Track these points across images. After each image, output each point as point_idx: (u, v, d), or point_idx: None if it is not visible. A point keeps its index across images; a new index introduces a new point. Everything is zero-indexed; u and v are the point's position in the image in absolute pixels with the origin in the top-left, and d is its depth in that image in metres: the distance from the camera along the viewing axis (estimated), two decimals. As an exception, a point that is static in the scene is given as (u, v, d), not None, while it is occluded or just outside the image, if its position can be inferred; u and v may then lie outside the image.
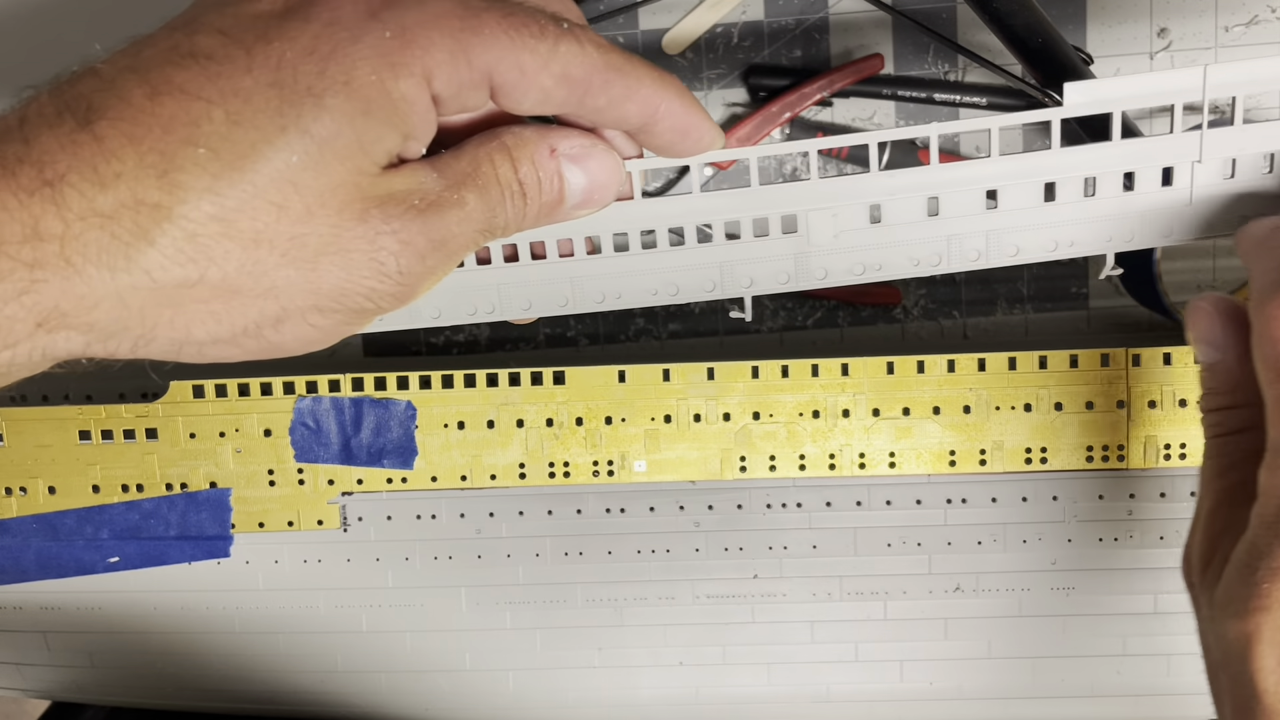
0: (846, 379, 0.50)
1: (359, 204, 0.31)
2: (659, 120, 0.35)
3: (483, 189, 0.33)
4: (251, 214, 0.29)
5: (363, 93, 0.30)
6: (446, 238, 0.32)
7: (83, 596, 0.54)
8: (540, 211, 0.35)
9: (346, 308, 0.32)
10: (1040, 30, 0.55)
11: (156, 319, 0.30)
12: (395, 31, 0.30)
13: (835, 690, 0.54)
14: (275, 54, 0.29)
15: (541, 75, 0.32)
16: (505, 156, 0.34)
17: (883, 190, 0.39)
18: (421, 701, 0.55)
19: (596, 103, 0.33)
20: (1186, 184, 0.39)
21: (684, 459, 0.51)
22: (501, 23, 0.31)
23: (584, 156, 0.35)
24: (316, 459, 0.52)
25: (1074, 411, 0.50)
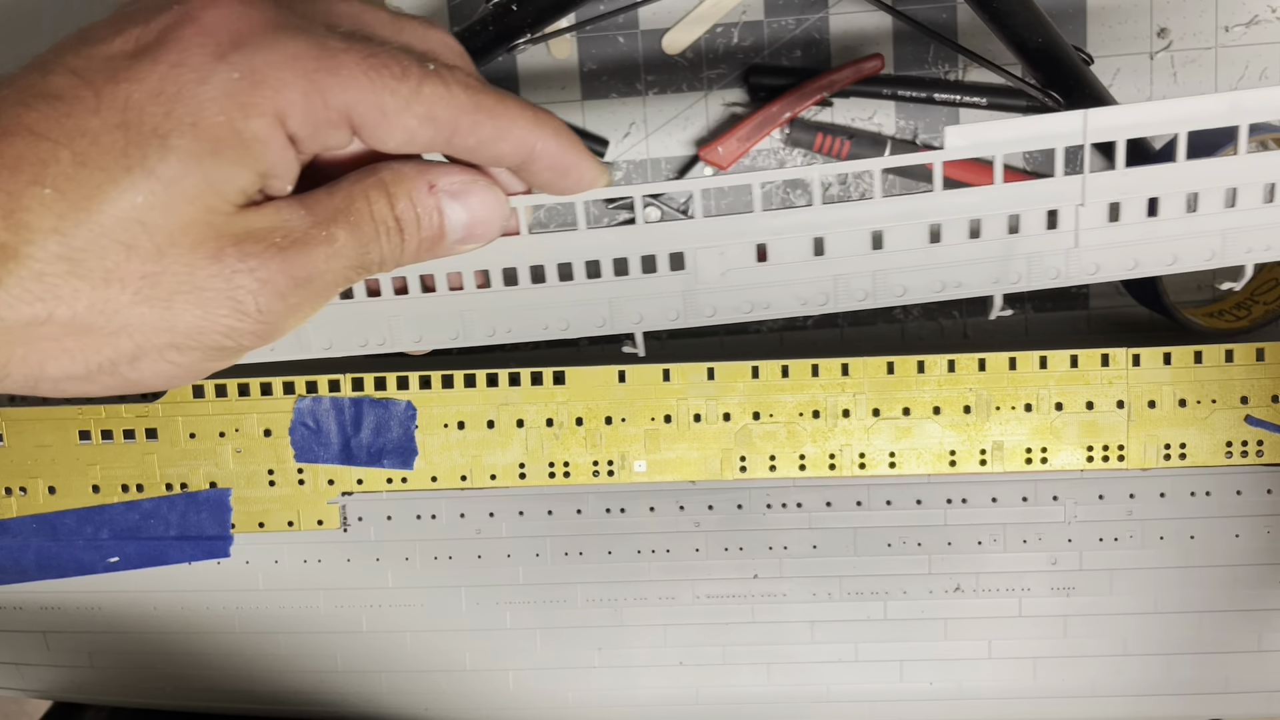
0: (846, 379, 0.50)
1: (213, 242, 0.31)
2: (536, 160, 0.35)
3: (355, 225, 0.33)
4: (100, 254, 0.30)
5: (211, 133, 0.30)
6: (312, 275, 0.33)
7: (83, 596, 0.54)
8: (420, 247, 0.35)
9: (205, 345, 0.32)
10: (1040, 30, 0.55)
11: (9, 356, 0.31)
12: (244, 73, 0.30)
13: (835, 690, 0.54)
14: (123, 95, 0.30)
15: (404, 116, 0.32)
16: (382, 193, 0.34)
17: (768, 230, 0.40)
18: (421, 701, 0.55)
19: (466, 143, 0.34)
20: (1071, 226, 0.40)
21: (684, 459, 0.51)
22: (361, 63, 0.31)
23: (464, 193, 0.36)
24: (316, 459, 0.52)
25: (1074, 411, 0.50)
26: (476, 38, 0.56)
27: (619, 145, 0.60)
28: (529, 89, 0.60)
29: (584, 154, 0.36)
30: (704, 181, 0.39)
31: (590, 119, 0.60)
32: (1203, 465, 0.51)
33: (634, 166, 0.61)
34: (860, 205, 0.39)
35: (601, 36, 0.59)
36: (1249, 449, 0.51)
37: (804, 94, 0.58)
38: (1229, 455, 0.51)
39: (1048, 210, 0.40)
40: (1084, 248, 0.40)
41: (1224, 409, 0.50)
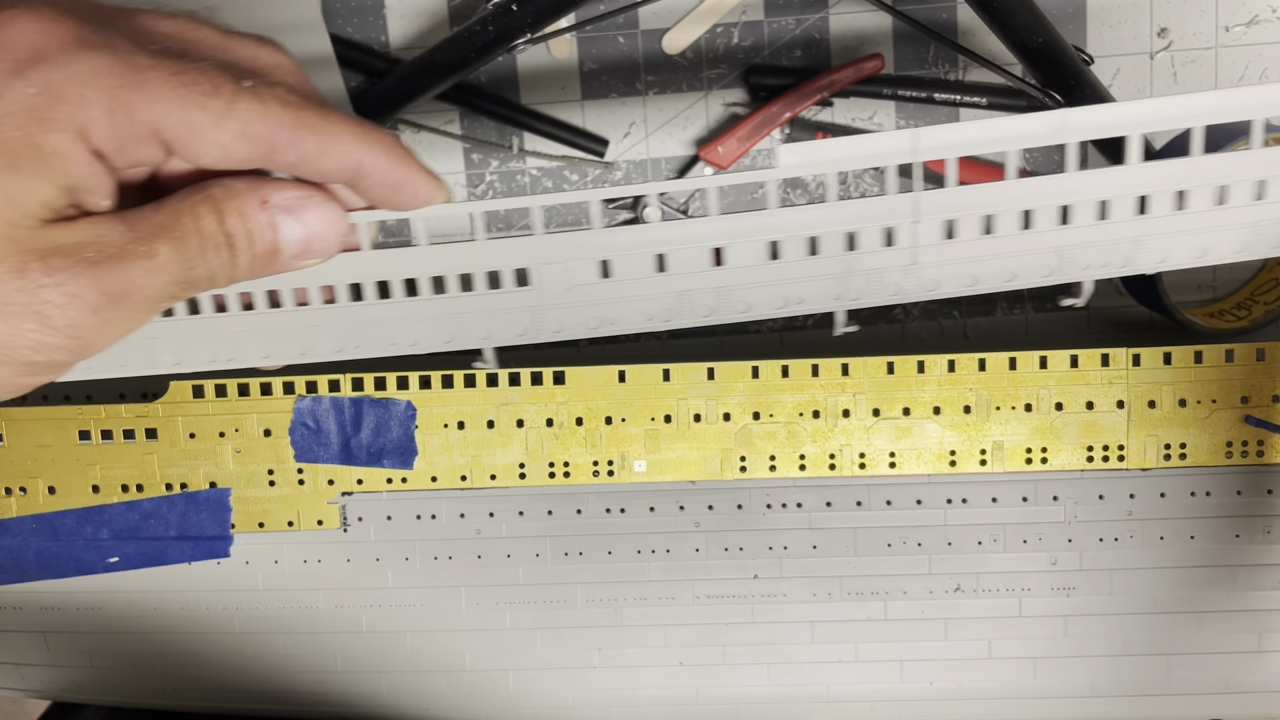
0: (846, 379, 0.50)
1: (16, 257, 0.30)
2: (365, 176, 0.35)
3: (179, 241, 0.33)
4: None
5: (8, 148, 0.30)
6: (128, 290, 0.32)
7: (82, 596, 0.54)
8: (254, 263, 0.35)
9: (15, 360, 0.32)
10: (1040, 30, 0.55)
11: None
12: (41, 89, 0.30)
13: (835, 690, 0.54)
14: None
15: (216, 132, 0.32)
16: (211, 208, 0.33)
17: (611, 246, 0.39)
18: (421, 701, 0.55)
19: (287, 159, 0.33)
20: (909, 243, 0.40)
21: (684, 459, 0.51)
22: (169, 80, 0.31)
23: (299, 208, 0.35)
24: (316, 459, 0.52)
25: (1074, 411, 0.50)
26: (476, 38, 0.56)
27: (619, 145, 0.60)
28: (529, 89, 0.60)
29: (416, 171, 0.36)
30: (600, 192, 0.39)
31: (590, 119, 0.60)
32: (1203, 465, 0.51)
33: (634, 166, 0.61)
34: (698, 222, 0.39)
35: (601, 36, 0.59)
36: (1249, 449, 0.51)
37: (804, 94, 0.58)
38: (1229, 455, 0.51)
39: (884, 228, 0.40)
40: (922, 264, 0.40)
41: (1224, 409, 0.50)
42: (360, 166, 0.35)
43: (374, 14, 0.60)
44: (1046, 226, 0.40)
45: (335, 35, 0.58)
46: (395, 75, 0.58)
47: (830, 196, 0.39)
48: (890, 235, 0.40)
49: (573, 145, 0.60)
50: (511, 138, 0.61)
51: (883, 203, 0.39)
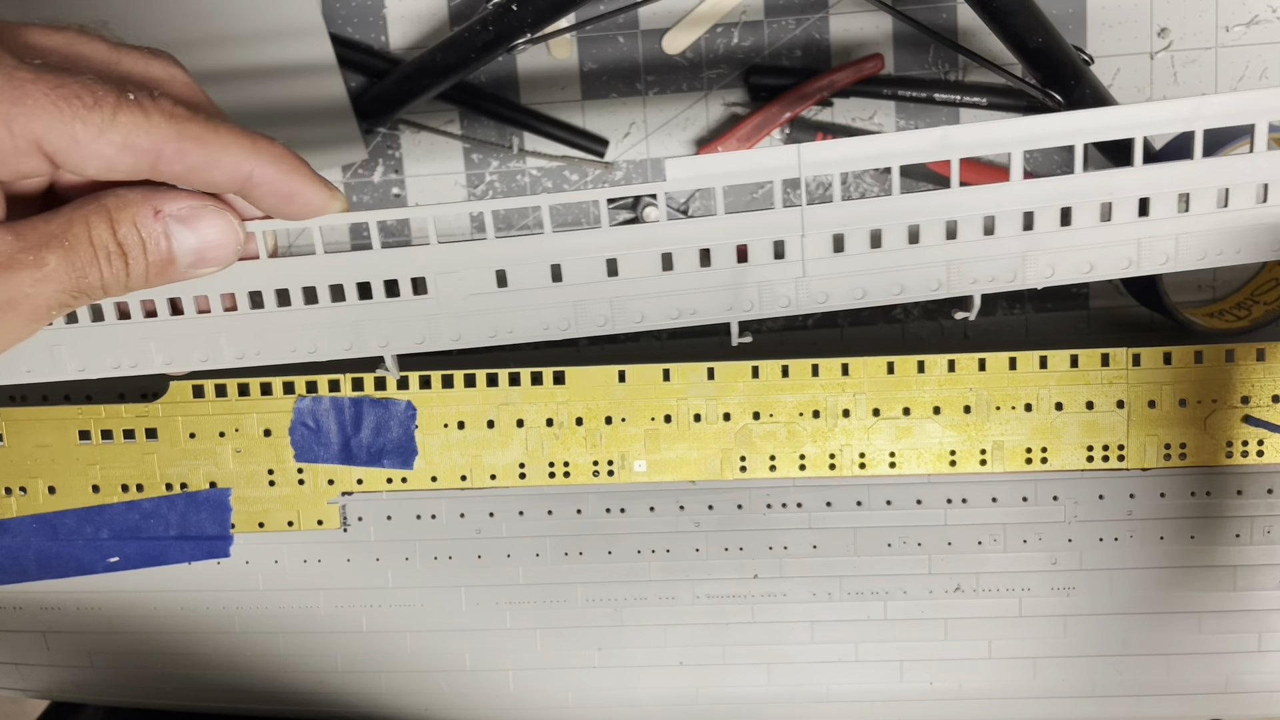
0: (847, 379, 0.50)
1: None
2: (255, 186, 0.36)
3: (69, 250, 0.33)
4: None
5: None
6: (14, 298, 0.33)
7: (82, 596, 0.54)
8: (149, 272, 0.35)
9: None
10: (1040, 30, 0.55)
11: None
12: None
13: (835, 690, 0.54)
14: None
15: (98, 144, 0.32)
16: (103, 218, 0.34)
17: (505, 256, 0.40)
18: (421, 701, 0.55)
19: (173, 170, 0.34)
20: (798, 256, 0.41)
21: (684, 459, 0.51)
22: (50, 93, 0.31)
23: (193, 218, 0.36)
24: (316, 459, 0.52)
25: (1074, 411, 0.50)
26: (476, 38, 0.56)
27: (619, 145, 0.60)
28: (529, 89, 0.60)
29: (308, 180, 0.37)
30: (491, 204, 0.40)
31: (590, 119, 0.60)
32: (1203, 465, 0.51)
33: (634, 166, 0.61)
34: (590, 233, 0.40)
35: (601, 36, 0.59)
36: (1249, 449, 0.51)
37: (804, 94, 0.58)
38: (1229, 455, 0.51)
39: (774, 240, 0.41)
40: (812, 277, 0.41)
41: (1224, 409, 0.50)
42: (249, 177, 0.35)
43: (374, 15, 0.60)
44: (934, 241, 0.41)
45: (335, 36, 0.58)
46: (395, 76, 0.58)
47: (719, 210, 0.40)
48: (780, 248, 0.41)
49: (573, 145, 0.60)
50: (511, 138, 0.61)
51: (771, 215, 0.40)
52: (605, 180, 0.61)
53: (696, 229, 0.40)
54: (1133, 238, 0.41)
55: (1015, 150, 0.40)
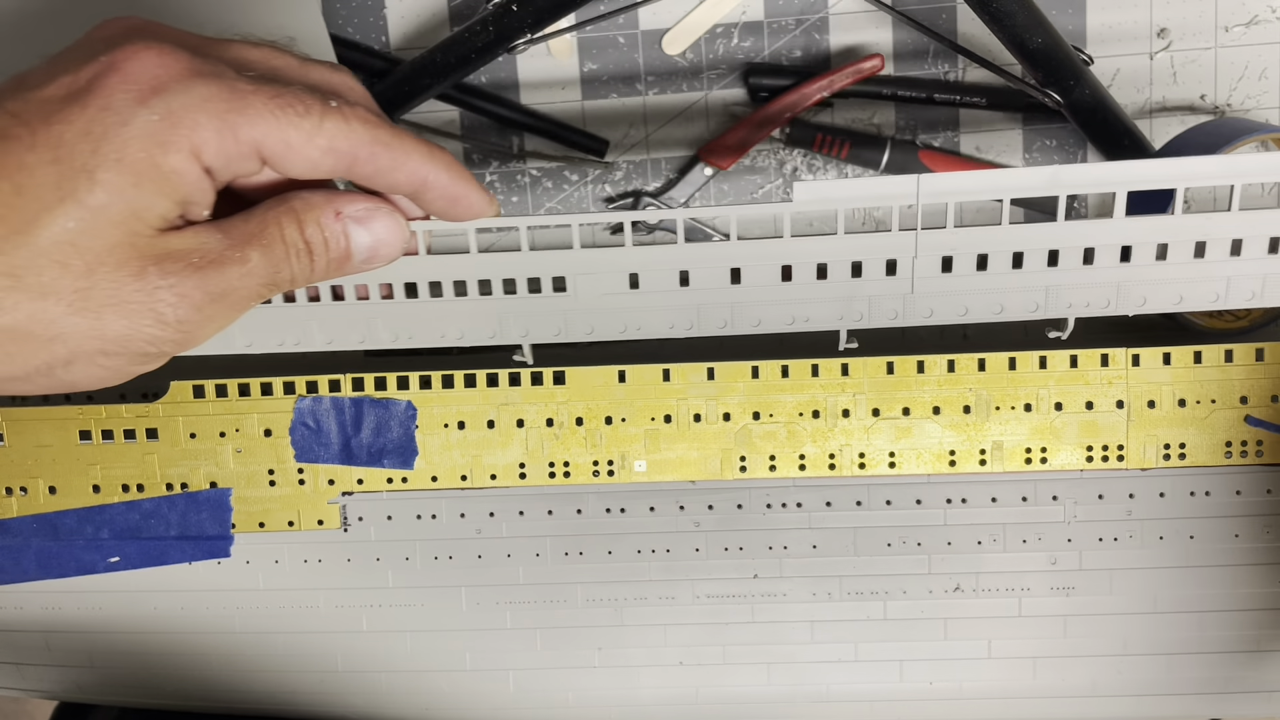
0: (846, 379, 0.50)
1: (136, 262, 0.35)
2: (429, 189, 0.40)
3: (267, 248, 0.38)
4: (37, 271, 0.34)
5: (133, 168, 0.34)
6: (226, 291, 0.37)
7: (83, 596, 0.54)
8: (329, 267, 0.40)
9: (131, 351, 0.37)
10: (1040, 31, 0.55)
11: None
12: (162, 115, 0.34)
13: (835, 690, 0.54)
14: (56, 135, 0.34)
15: (308, 148, 0.36)
16: (293, 219, 0.38)
17: (639, 262, 0.44)
18: (421, 701, 0.55)
19: (365, 171, 0.38)
20: (908, 275, 0.45)
21: (684, 459, 0.51)
22: (268, 103, 0.36)
23: (368, 218, 0.40)
24: (317, 459, 0.52)
25: (1073, 411, 0.50)
26: (476, 38, 0.56)
27: (619, 145, 0.60)
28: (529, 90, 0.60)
29: (473, 186, 0.41)
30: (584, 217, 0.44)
31: (590, 119, 0.60)
32: (1202, 465, 0.51)
33: (634, 166, 0.61)
34: (719, 245, 0.44)
35: (601, 37, 0.59)
36: (1248, 449, 0.51)
37: (804, 94, 0.58)
38: (1228, 455, 0.51)
39: (887, 259, 0.44)
40: (919, 294, 0.45)
41: (1223, 409, 0.50)
42: (425, 180, 0.39)
43: (374, 14, 0.60)
44: (1036, 267, 0.44)
45: (335, 36, 0.59)
46: (395, 76, 0.58)
47: (839, 229, 0.43)
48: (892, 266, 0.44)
49: (573, 145, 0.60)
50: (511, 138, 0.61)
51: (888, 238, 0.44)
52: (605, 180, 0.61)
53: (817, 246, 0.44)
54: (1223, 275, 0.44)
55: (1120, 190, 0.43)
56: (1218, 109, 0.60)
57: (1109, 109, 0.58)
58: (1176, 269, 0.44)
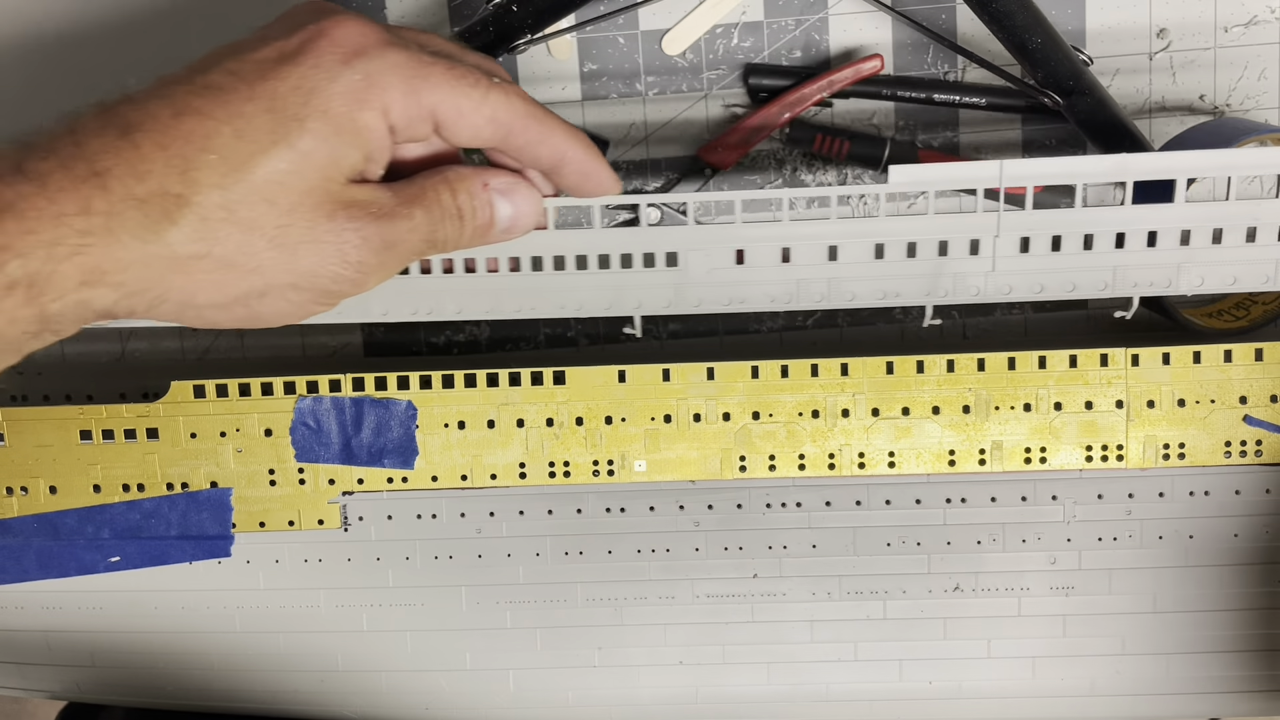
0: (846, 379, 0.51)
1: (329, 205, 0.39)
2: (566, 164, 0.44)
3: (427, 208, 0.42)
4: (249, 206, 0.38)
5: (335, 120, 0.39)
6: (396, 241, 0.41)
7: (84, 596, 0.54)
8: (474, 233, 0.44)
9: (315, 287, 0.40)
10: (1039, 31, 0.55)
11: (170, 283, 0.38)
12: (363, 76, 0.39)
13: (834, 689, 0.54)
14: (270, 89, 0.38)
15: (474, 116, 0.41)
16: (447, 186, 0.42)
17: (746, 238, 0.47)
18: (421, 701, 0.55)
19: (517, 142, 0.42)
20: (990, 254, 0.48)
21: (684, 459, 0.51)
22: (446, 73, 0.40)
23: (510, 191, 0.44)
24: (317, 459, 0.52)
25: (1073, 411, 0.50)
26: (477, 38, 0.56)
27: (619, 145, 0.60)
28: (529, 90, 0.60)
29: (604, 165, 0.45)
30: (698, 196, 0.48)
31: (590, 119, 0.60)
32: (1201, 465, 0.51)
33: (634, 167, 0.61)
34: (820, 224, 0.47)
35: (601, 37, 0.60)
36: (1248, 449, 0.51)
37: (803, 95, 0.58)
38: (1228, 455, 0.51)
39: (971, 239, 0.47)
40: (1000, 272, 0.48)
41: (1223, 409, 0.50)
42: (565, 155, 0.44)
43: (374, 14, 0.60)
44: (1105, 249, 0.47)
45: (336, 36, 0.59)
46: (396, 76, 0.58)
47: (929, 210, 0.47)
48: (975, 245, 0.48)
49: (573, 146, 0.60)
50: (512, 138, 0.61)
51: (972, 219, 0.47)
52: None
53: (908, 225, 0.47)
54: (1273, 258, 0.47)
55: (1181, 178, 0.46)
56: (1217, 109, 0.60)
57: (1108, 109, 0.58)
58: (1231, 252, 0.47)
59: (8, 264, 0.36)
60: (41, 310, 0.37)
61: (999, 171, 0.46)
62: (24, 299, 0.37)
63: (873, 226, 0.47)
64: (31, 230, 0.36)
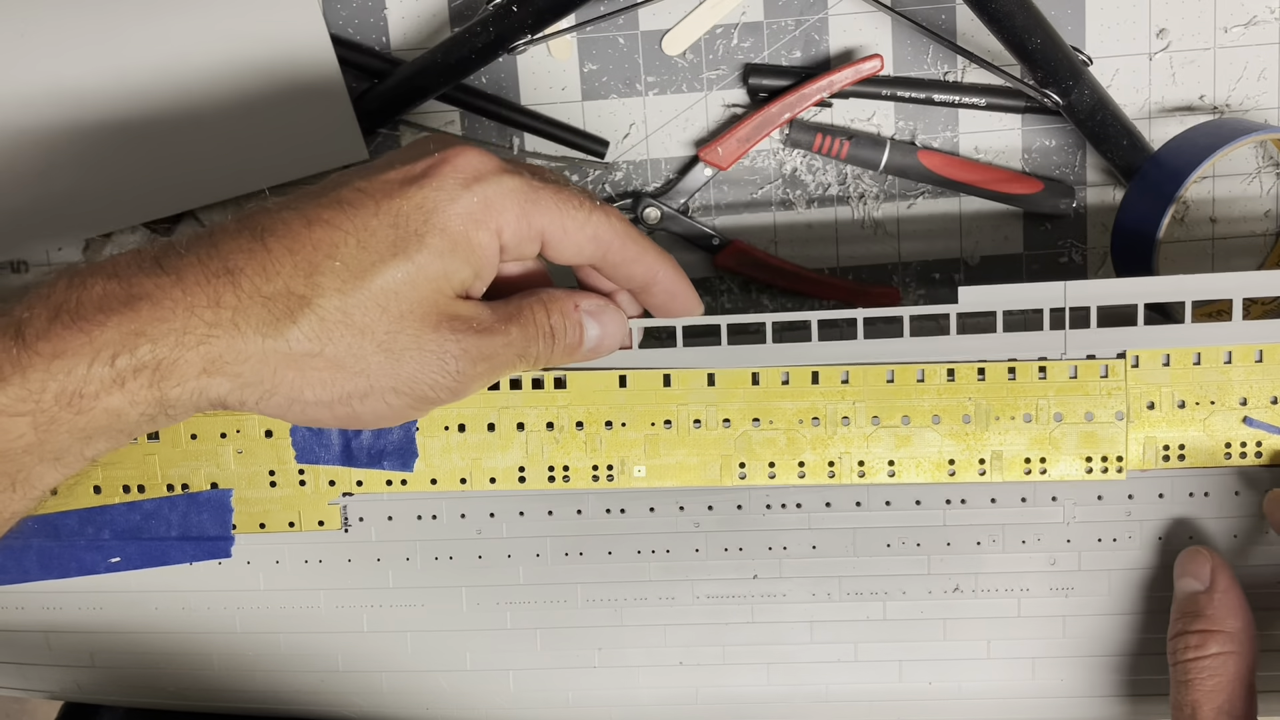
0: (846, 387, 0.51)
1: (435, 317, 0.42)
2: (656, 283, 0.48)
3: (523, 326, 0.45)
4: (363, 311, 0.41)
5: (453, 238, 0.42)
6: (492, 354, 0.44)
7: (84, 597, 0.54)
8: (564, 350, 0.47)
9: (414, 394, 0.43)
10: (1039, 31, 0.55)
11: (282, 378, 0.41)
12: (481, 199, 0.43)
13: (834, 690, 0.54)
14: (395, 206, 0.42)
15: (578, 234, 0.45)
16: (542, 307, 0.46)
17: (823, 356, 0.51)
18: (421, 701, 0.55)
19: (614, 259, 0.46)
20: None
21: (684, 464, 0.51)
22: (554, 197, 0.44)
23: (599, 313, 0.48)
24: (318, 460, 0.52)
25: (1073, 422, 0.50)
26: (477, 39, 0.56)
27: (619, 146, 0.61)
28: (529, 90, 0.60)
29: (690, 286, 0.49)
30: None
31: (590, 119, 0.60)
32: (1201, 466, 0.51)
33: (634, 167, 0.61)
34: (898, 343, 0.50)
35: (601, 37, 0.59)
36: (1248, 450, 0.51)
37: (803, 95, 0.58)
38: (1228, 456, 0.51)
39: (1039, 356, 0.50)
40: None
41: (1223, 410, 0.50)
42: (656, 274, 0.48)
43: (374, 15, 0.60)
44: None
45: (336, 36, 0.59)
46: (396, 76, 0.58)
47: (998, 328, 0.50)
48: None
49: (573, 146, 0.60)
50: (511, 138, 0.61)
51: (1039, 336, 0.50)
52: (605, 180, 0.61)
53: (976, 344, 0.50)
54: None
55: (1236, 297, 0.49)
56: (1216, 109, 0.61)
57: (1108, 109, 0.58)
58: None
59: (139, 347, 0.39)
60: (162, 395, 0.40)
61: (1063, 292, 0.49)
62: (148, 381, 0.39)
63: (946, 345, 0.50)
64: (164, 319, 0.39)
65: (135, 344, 0.39)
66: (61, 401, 0.39)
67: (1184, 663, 0.48)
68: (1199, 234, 0.62)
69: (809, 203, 0.62)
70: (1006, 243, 0.62)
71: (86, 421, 0.39)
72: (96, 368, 0.39)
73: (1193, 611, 0.49)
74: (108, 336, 0.39)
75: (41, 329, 0.39)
